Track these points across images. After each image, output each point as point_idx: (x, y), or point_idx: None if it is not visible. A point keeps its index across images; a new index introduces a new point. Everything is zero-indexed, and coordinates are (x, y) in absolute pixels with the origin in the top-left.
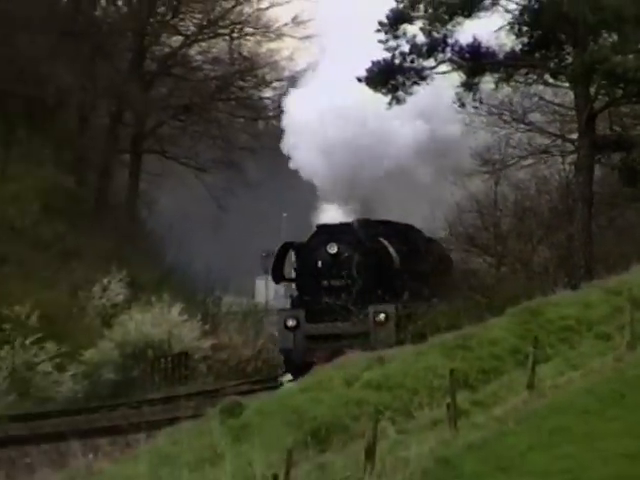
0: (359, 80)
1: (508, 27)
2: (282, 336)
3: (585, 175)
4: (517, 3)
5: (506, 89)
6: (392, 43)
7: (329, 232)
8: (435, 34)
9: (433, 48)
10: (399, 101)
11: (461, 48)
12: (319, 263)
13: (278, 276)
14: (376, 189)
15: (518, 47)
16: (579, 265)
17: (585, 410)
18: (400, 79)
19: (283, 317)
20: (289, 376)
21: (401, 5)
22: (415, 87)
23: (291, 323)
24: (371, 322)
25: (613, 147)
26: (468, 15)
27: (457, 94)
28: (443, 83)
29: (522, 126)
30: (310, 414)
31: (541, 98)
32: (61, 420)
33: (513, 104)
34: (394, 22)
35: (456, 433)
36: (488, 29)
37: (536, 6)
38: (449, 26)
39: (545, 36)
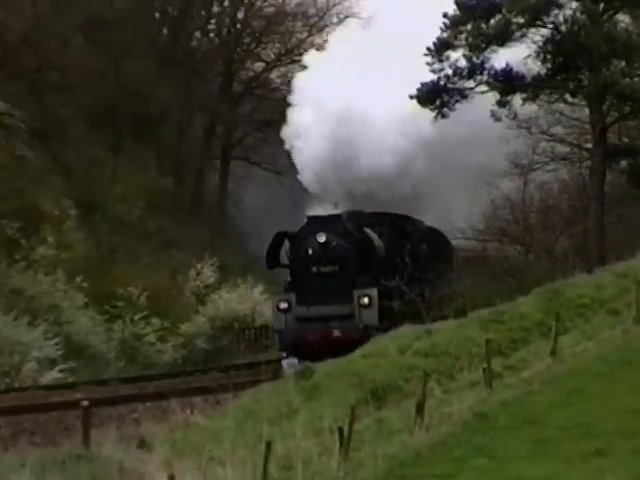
0: (411, 97)
1: (534, 55)
2: (275, 317)
3: (598, 178)
4: (542, 35)
5: (533, 106)
6: (437, 66)
7: (319, 222)
8: (474, 60)
9: (473, 71)
10: (444, 116)
11: (496, 72)
12: (309, 251)
13: (271, 263)
14: (424, 189)
15: (543, 71)
16: (593, 253)
17: (598, 374)
18: (445, 97)
19: (276, 300)
20: (293, 360)
21: (445, 34)
22: (457, 104)
23: (283, 306)
24: (356, 305)
25: (622, 155)
26: (502, 44)
27: (492, 110)
28: (480, 101)
29: (546, 137)
30: (369, 377)
31: (562, 114)
32: (163, 382)
33: (539, 118)
34: (439, 49)
35: (491, 392)
36: (518, 56)
37: (557, 38)
38: (486, 53)
39: (565, 62)
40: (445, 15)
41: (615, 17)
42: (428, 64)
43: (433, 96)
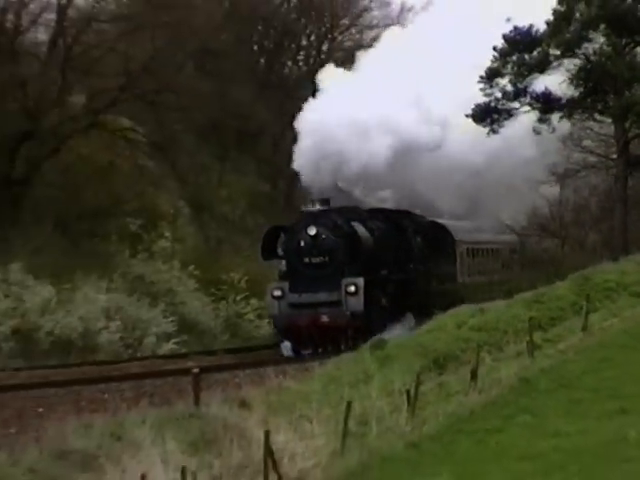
0: (467, 116)
1: (569, 80)
2: (269, 304)
3: (622, 183)
4: (575, 64)
5: (567, 123)
6: (489, 91)
7: (311, 217)
8: (519, 85)
9: (517, 95)
10: (495, 132)
11: (537, 95)
12: (301, 243)
13: (266, 254)
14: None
15: (576, 94)
16: (618, 245)
17: (623, 345)
18: (495, 117)
19: (271, 288)
20: (287, 345)
21: (495, 64)
22: (505, 122)
23: (276, 293)
24: (343, 292)
25: None
26: (541, 72)
27: (534, 127)
28: (524, 119)
29: (578, 149)
30: (432, 348)
31: (591, 129)
32: (260, 352)
33: (572, 133)
34: (490, 76)
35: (533, 361)
36: (555, 82)
37: (588, 66)
38: (528, 79)
39: (594, 87)
40: (494, 48)
41: (636, 49)
42: (481, 90)
43: (486, 115)
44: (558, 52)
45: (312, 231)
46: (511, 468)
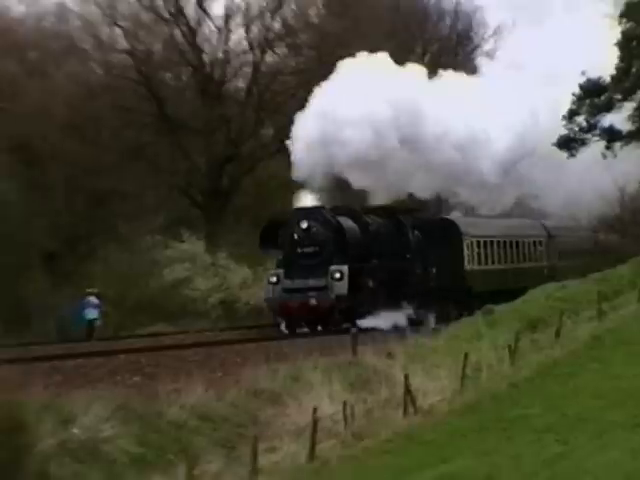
0: (552, 144)
1: (628, 117)
2: (265, 289)
3: None
4: (632, 106)
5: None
6: (569, 126)
7: (303, 212)
8: (591, 121)
9: (590, 128)
10: (573, 156)
11: (605, 128)
12: (295, 235)
13: (264, 246)
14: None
15: (633, 128)
16: None
17: None
18: (574, 145)
19: (268, 275)
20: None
21: (574, 106)
22: (582, 148)
23: (272, 279)
24: (330, 278)
25: None
26: (608, 111)
27: (602, 153)
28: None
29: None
30: (527, 313)
31: None
32: None
33: (631, 158)
34: (570, 115)
35: (601, 323)
36: (619, 118)
37: None
38: (598, 117)
39: None
40: (573, 94)
41: None
42: (563, 126)
43: (567, 144)
44: (620, 97)
45: (304, 225)
46: (585, 403)
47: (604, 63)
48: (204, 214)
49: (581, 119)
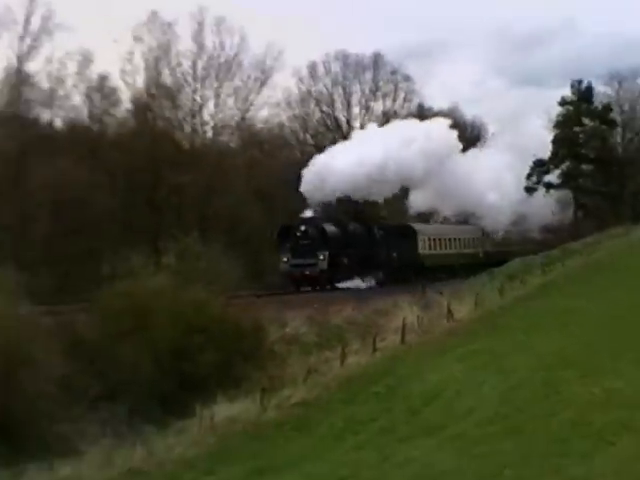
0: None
1: (558, 177)
2: (281, 265)
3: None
4: (559, 172)
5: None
6: (529, 181)
7: (303, 220)
8: (538, 179)
9: (538, 182)
10: (531, 195)
11: (545, 182)
12: (297, 233)
13: (280, 239)
14: None
15: (560, 182)
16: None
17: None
18: (531, 190)
19: (282, 257)
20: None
21: (531, 171)
22: (534, 192)
23: (284, 259)
24: (317, 259)
25: None
26: (547, 173)
27: (543, 195)
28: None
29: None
30: (507, 273)
31: None
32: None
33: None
34: (528, 176)
35: (545, 276)
36: (553, 177)
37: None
38: (542, 176)
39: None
40: (529, 166)
41: None
42: (526, 181)
43: (528, 190)
44: (552, 166)
45: (303, 228)
46: (542, 316)
47: (545, 150)
48: None
49: (534, 178)
